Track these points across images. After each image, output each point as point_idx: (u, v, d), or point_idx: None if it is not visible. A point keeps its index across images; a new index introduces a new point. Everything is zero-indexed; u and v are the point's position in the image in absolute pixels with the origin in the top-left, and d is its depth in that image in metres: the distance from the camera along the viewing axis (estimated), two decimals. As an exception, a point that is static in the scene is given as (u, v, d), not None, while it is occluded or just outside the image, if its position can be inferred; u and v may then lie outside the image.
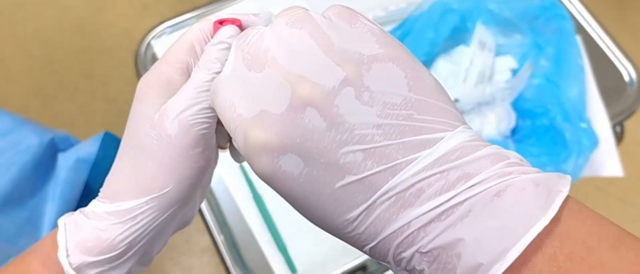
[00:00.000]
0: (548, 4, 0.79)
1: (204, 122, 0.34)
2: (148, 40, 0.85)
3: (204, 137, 0.34)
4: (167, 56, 0.36)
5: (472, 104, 0.73)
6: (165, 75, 0.35)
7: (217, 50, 0.35)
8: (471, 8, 0.80)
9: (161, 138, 0.34)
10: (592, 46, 0.85)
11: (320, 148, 0.26)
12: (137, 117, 0.35)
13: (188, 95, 0.34)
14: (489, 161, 0.25)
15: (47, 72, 1.70)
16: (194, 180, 0.35)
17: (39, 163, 0.69)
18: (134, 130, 0.35)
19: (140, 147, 0.34)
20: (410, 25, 0.79)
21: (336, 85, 0.26)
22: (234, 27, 0.36)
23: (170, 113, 0.34)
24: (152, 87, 0.35)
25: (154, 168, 0.34)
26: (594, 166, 0.75)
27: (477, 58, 0.77)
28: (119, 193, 0.35)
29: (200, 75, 0.35)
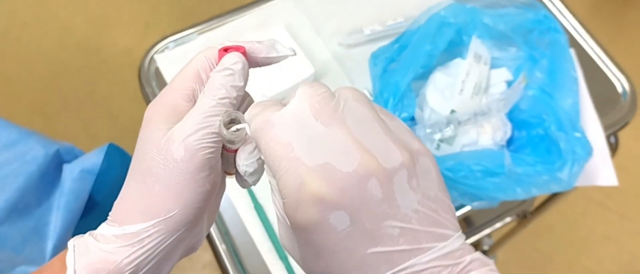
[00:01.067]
0: (542, 17, 0.81)
1: (209, 146, 0.35)
2: (151, 55, 0.87)
3: (209, 161, 0.35)
4: (173, 83, 0.38)
5: (469, 115, 0.74)
6: (172, 101, 0.37)
7: (222, 77, 0.36)
8: (467, 22, 0.82)
9: (167, 162, 0.35)
10: (585, 59, 0.87)
11: (370, 214, 0.29)
12: (145, 142, 0.36)
13: (194, 121, 0.35)
14: (478, 264, 0.30)
15: (51, 90, 1.72)
16: (200, 203, 0.36)
17: (45, 174, 0.71)
18: (142, 154, 0.36)
19: (148, 171, 0.35)
20: (408, 38, 0.81)
21: (396, 166, 0.29)
22: (238, 54, 0.37)
23: (176, 138, 0.35)
24: (159, 113, 0.36)
25: (160, 191, 0.35)
26: (589, 175, 0.76)
27: (473, 70, 0.78)
28: (127, 216, 0.35)
29: (206, 101, 0.36)
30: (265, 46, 0.39)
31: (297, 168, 0.29)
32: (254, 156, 0.37)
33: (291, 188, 0.29)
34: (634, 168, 1.64)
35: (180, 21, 1.83)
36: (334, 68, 0.87)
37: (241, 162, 0.37)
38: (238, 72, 0.37)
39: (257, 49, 0.38)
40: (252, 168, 0.37)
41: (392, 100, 0.73)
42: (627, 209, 1.59)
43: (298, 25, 0.90)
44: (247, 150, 0.37)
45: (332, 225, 0.29)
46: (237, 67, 0.37)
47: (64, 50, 1.79)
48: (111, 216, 0.36)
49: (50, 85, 1.73)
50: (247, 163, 0.37)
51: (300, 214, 0.29)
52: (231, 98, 0.36)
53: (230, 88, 0.36)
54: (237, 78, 0.37)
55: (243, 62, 0.37)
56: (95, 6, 1.86)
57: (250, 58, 0.39)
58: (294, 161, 0.29)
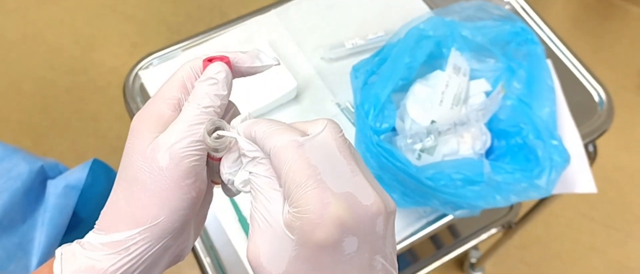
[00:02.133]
0: (519, 29, 0.83)
1: (194, 154, 0.36)
2: (136, 71, 0.88)
3: (194, 168, 0.36)
4: (159, 93, 0.38)
5: (449, 125, 0.76)
6: (158, 111, 0.37)
7: (205, 86, 0.37)
8: (446, 35, 0.83)
9: (153, 170, 0.35)
10: (562, 69, 0.89)
11: (371, 246, 0.32)
12: (131, 150, 0.36)
13: (179, 129, 0.36)
14: None
15: (39, 110, 1.72)
16: (186, 210, 0.36)
17: (29, 190, 0.71)
18: (128, 163, 0.36)
19: (134, 179, 0.36)
20: (388, 51, 0.82)
21: (392, 211, 0.34)
22: (221, 64, 0.38)
23: (161, 146, 0.35)
24: (145, 122, 0.37)
25: (146, 199, 0.35)
26: (568, 183, 0.78)
27: (453, 81, 0.80)
28: (113, 224, 0.36)
29: (190, 110, 0.37)
30: (250, 56, 0.40)
31: (324, 190, 0.31)
32: (237, 164, 0.37)
33: (316, 206, 0.31)
34: (618, 179, 1.66)
35: (167, 40, 1.84)
36: (316, 82, 0.88)
37: (225, 170, 0.38)
38: (221, 81, 0.37)
39: (242, 59, 0.39)
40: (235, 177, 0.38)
41: (372, 111, 0.74)
42: (612, 219, 1.61)
43: (281, 40, 0.92)
44: (231, 158, 0.38)
45: (343, 248, 0.31)
46: (220, 76, 0.37)
47: (52, 70, 1.79)
48: (98, 225, 0.37)
49: (38, 105, 1.74)
50: (230, 172, 0.38)
51: (320, 232, 0.31)
52: (215, 107, 0.37)
53: (214, 97, 0.37)
54: (220, 87, 0.37)
55: (226, 71, 0.38)
56: (82, 26, 1.87)
57: (235, 68, 0.39)
58: (321, 184, 0.31)
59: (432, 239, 1.24)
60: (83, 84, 1.77)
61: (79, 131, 1.70)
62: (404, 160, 0.69)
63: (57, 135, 1.69)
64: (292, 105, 0.86)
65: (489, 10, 0.87)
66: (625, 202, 1.63)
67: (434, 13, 0.88)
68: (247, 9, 0.97)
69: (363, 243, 0.32)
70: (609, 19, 1.95)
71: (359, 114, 0.74)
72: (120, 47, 1.84)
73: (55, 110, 1.73)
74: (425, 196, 0.71)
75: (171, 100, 0.38)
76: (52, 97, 1.75)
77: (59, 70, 1.79)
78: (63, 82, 1.77)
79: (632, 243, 1.58)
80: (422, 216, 0.79)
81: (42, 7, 1.90)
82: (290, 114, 0.85)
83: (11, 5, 1.90)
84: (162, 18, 1.89)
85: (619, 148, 1.70)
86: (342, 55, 0.90)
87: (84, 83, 1.77)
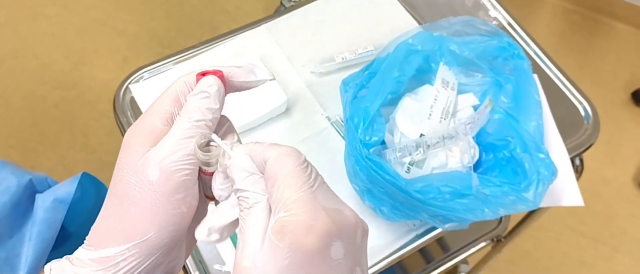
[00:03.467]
0: (506, 44, 0.84)
1: (185, 168, 0.36)
2: (126, 85, 0.88)
3: (185, 183, 0.36)
4: (152, 107, 0.38)
5: (437, 138, 0.76)
6: (150, 125, 0.37)
7: (197, 100, 0.37)
8: (434, 49, 0.84)
9: (143, 184, 0.35)
10: (549, 84, 0.90)
11: (353, 255, 0.34)
12: (122, 165, 0.36)
13: (170, 143, 0.36)
14: None
15: (28, 125, 1.72)
16: (176, 226, 0.36)
17: (17, 204, 0.71)
18: (118, 177, 0.36)
19: (124, 194, 0.36)
20: (377, 65, 0.83)
21: (366, 229, 0.36)
22: (214, 77, 0.38)
23: (152, 160, 0.35)
24: (137, 136, 0.37)
25: (135, 214, 0.35)
26: (555, 196, 0.78)
27: (441, 96, 0.81)
28: (103, 240, 0.36)
29: (181, 124, 0.37)
30: (244, 70, 0.40)
31: (316, 201, 0.33)
32: (229, 180, 0.37)
33: (309, 214, 0.32)
34: (605, 193, 1.68)
35: (158, 55, 1.84)
36: (306, 96, 0.89)
37: (217, 186, 0.38)
38: (213, 94, 0.37)
39: (236, 73, 0.40)
40: (227, 193, 0.38)
41: (362, 124, 0.74)
42: (600, 233, 1.62)
43: (272, 54, 0.92)
44: (224, 174, 0.37)
45: (330, 254, 0.32)
46: (212, 89, 0.37)
47: (42, 85, 1.79)
48: (88, 240, 0.37)
49: (27, 120, 1.73)
50: (222, 188, 0.37)
51: (312, 238, 0.32)
52: (206, 121, 0.37)
53: (206, 110, 0.37)
54: (212, 101, 0.37)
55: (218, 85, 0.38)
56: (73, 41, 1.87)
57: (229, 82, 0.40)
58: (313, 195, 0.33)
59: (422, 253, 1.24)
60: (73, 99, 1.77)
61: (68, 146, 1.69)
62: (393, 173, 0.69)
63: (47, 150, 1.68)
64: (282, 119, 0.86)
65: (477, 26, 0.88)
66: (612, 216, 1.65)
67: (423, 28, 0.89)
68: (238, 24, 0.97)
69: (347, 251, 0.33)
70: (594, 35, 1.98)
71: (348, 128, 0.75)
72: (111, 61, 1.84)
73: (45, 124, 1.72)
74: (414, 209, 0.72)
75: (164, 114, 0.38)
76: (41, 112, 1.74)
77: (49, 84, 1.79)
78: (52, 96, 1.77)
79: (619, 258, 1.59)
80: (411, 229, 0.79)
81: (33, 22, 1.90)
82: (280, 128, 0.85)
83: (1, 20, 1.90)
84: (153, 33, 1.90)
85: (605, 162, 1.72)
86: (332, 70, 0.91)
87: (74, 98, 1.77)
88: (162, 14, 1.94)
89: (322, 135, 0.85)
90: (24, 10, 1.93)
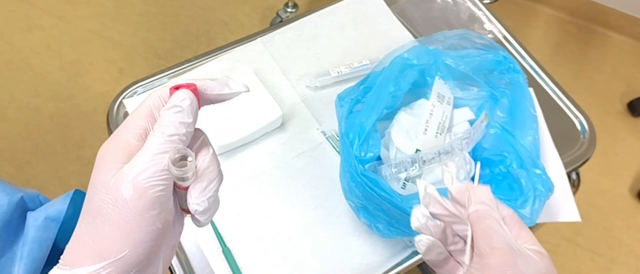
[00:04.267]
0: (501, 58, 0.84)
1: (159, 184, 0.35)
2: (120, 99, 0.87)
3: (159, 199, 0.36)
4: (126, 122, 0.38)
5: (433, 154, 0.76)
6: (124, 141, 0.37)
7: (170, 114, 0.37)
8: (430, 63, 0.84)
9: (116, 202, 0.35)
10: (545, 98, 0.90)
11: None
12: (95, 182, 0.36)
13: (143, 159, 0.35)
14: None
15: (22, 137, 1.71)
16: (150, 242, 0.36)
17: (8, 223, 0.70)
18: (91, 195, 0.36)
19: (97, 212, 0.35)
20: (373, 80, 0.82)
21: None
22: (186, 91, 0.38)
23: (125, 177, 0.35)
24: (110, 152, 0.37)
25: (109, 232, 0.35)
26: (552, 212, 0.78)
27: (437, 110, 0.80)
28: (77, 259, 0.35)
29: (155, 139, 0.36)
30: (218, 83, 0.40)
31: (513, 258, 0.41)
32: (205, 194, 0.37)
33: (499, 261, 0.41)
34: (602, 204, 1.67)
35: (154, 66, 1.85)
36: (301, 110, 0.88)
37: (192, 200, 0.37)
38: (186, 108, 0.37)
39: (210, 86, 0.39)
40: (203, 207, 0.38)
41: (357, 140, 0.74)
42: (597, 245, 1.61)
43: (267, 68, 0.92)
44: (198, 188, 0.37)
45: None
46: (185, 103, 0.37)
47: (37, 96, 1.78)
48: (62, 260, 0.36)
49: (22, 132, 1.72)
50: (197, 202, 0.37)
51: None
52: (180, 135, 0.37)
53: (179, 124, 0.37)
54: (185, 115, 0.37)
55: (191, 98, 0.38)
56: (69, 52, 1.86)
57: (203, 95, 0.39)
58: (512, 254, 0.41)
59: (419, 269, 1.24)
60: (68, 110, 1.76)
61: (62, 158, 1.68)
62: (389, 190, 0.69)
63: (41, 162, 1.67)
64: (277, 134, 0.86)
65: (472, 39, 0.88)
66: (608, 227, 1.64)
67: (418, 42, 0.89)
68: (234, 35, 0.97)
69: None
70: (589, 45, 1.98)
71: (343, 143, 0.74)
72: (107, 72, 1.83)
73: (39, 136, 1.71)
74: (410, 226, 0.71)
75: (137, 129, 0.37)
76: (36, 124, 1.73)
77: (44, 96, 1.78)
78: (47, 108, 1.76)
79: (616, 269, 1.58)
80: (407, 246, 0.78)
81: (28, 33, 1.90)
82: (275, 142, 0.85)
83: (-4, 32, 1.90)
84: (149, 44, 1.89)
85: (602, 173, 1.72)
86: (327, 84, 0.91)
87: (69, 109, 1.76)
88: (158, 25, 1.94)
89: (317, 150, 0.85)
90: (19, 22, 1.92)
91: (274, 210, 0.79)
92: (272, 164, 0.83)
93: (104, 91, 1.79)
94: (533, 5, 2.03)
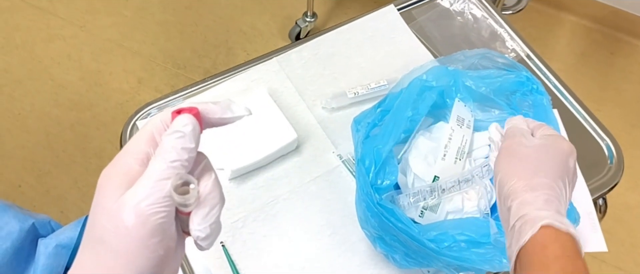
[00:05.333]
0: (524, 79, 0.81)
1: (161, 211, 0.35)
2: (133, 121, 0.86)
3: (161, 225, 0.35)
4: (128, 147, 0.37)
5: (452, 182, 0.73)
6: (126, 166, 0.36)
7: (172, 139, 0.36)
8: (449, 85, 0.81)
9: (119, 229, 0.34)
10: (570, 120, 0.87)
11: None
12: (97, 209, 0.35)
13: (145, 185, 0.35)
14: None
15: (43, 147, 1.72)
16: (153, 269, 0.35)
17: (19, 250, 0.69)
18: (93, 222, 0.35)
19: (99, 239, 0.35)
20: (391, 102, 0.80)
21: None
22: (189, 116, 0.37)
23: (127, 203, 0.34)
24: (112, 178, 0.36)
25: (111, 260, 0.34)
26: (577, 241, 0.75)
27: (456, 134, 0.78)
28: None
29: (156, 165, 0.36)
30: (220, 107, 0.39)
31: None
32: (207, 220, 0.36)
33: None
34: (628, 220, 1.62)
35: (172, 76, 1.84)
36: (317, 132, 0.86)
37: (194, 226, 0.37)
38: (188, 134, 0.36)
39: (212, 110, 0.39)
40: (205, 234, 0.37)
41: (373, 168, 0.72)
42: (623, 261, 1.57)
43: (282, 89, 0.90)
44: (201, 214, 0.37)
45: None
46: (187, 129, 0.36)
47: (57, 106, 1.79)
48: None
49: (42, 141, 1.73)
50: (200, 229, 0.37)
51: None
52: (182, 161, 0.36)
53: (181, 150, 0.36)
54: (187, 140, 0.36)
55: (193, 123, 0.37)
56: (89, 62, 1.87)
57: (205, 119, 0.39)
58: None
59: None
60: (87, 120, 1.77)
61: (82, 168, 1.69)
62: (406, 221, 0.67)
63: (61, 173, 1.68)
64: (293, 157, 0.84)
65: (493, 59, 0.85)
66: (635, 243, 1.60)
67: (438, 62, 0.86)
68: (253, 44, 0.96)
69: None
70: (616, 54, 1.93)
71: (359, 170, 0.72)
72: (126, 82, 1.84)
73: (59, 146, 1.72)
74: (428, 258, 0.69)
75: (139, 154, 0.37)
76: (56, 134, 1.74)
77: (64, 106, 1.79)
78: (67, 118, 1.77)
79: (645, 287, 1.54)
80: (425, 274, 0.76)
81: (49, 43, 1.91)
82: (290, 166, 0.83)
83: (18, 42, 1.91)
84: (168, 54, 1.89)
85: (628, 187, 1.67)
86: (344, 105, 0.88)
87: (89, 119, 1.77)
88: (177, 34, 1.94)
89: (333, 174, 0.83)
90: (41, 32, 1.94)
91: (288, 236, 0.77)
92: (287, 188, 0.81)
93: (123, 101, 1.79)
94: (557, 13, 1.98)
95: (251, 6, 1.99)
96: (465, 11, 0.98)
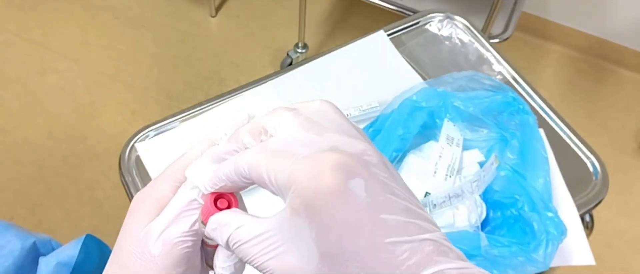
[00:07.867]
0: (510, 99, 0.84)
1: (187, 241, 0.35)
2: (132, 143, 0.88)
3: (187, 255, 0.35)
4: (164, 173, 0.38)
5: (443, 197, 0.75)
6: (159, 192, 0.37)
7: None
8: (438, 105, 0.84)
9: (144, 256, 0.35)
10: (556, 139, 0.89)
11: (379, 186, 0.29)
12: (126, 233, 0.36)
13: (172, 214, 0.35)
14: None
15: (35, 180, 1.72)
16: None
17: (21, 268, 0.70)
18: (121, 245, 0.36)
19: (125, 264, 0.35)
20: (382, 122, 0.83)
21: (385, 159, 0.32)
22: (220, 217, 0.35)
23: (155, 231, 0.35)
24: (144, 202, 0.37)
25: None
26: (566, 255, 0.77)
27: (446, 152, 0.80)
28: None
29: (184, 194, 0.36)
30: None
31: (308, 157, 0.29)
32: (232, 259, 0.36)
33: (307, 168, 0.29)
34: (619, 245, 1.64)
35: (166, 107, 1.87)
36: (311, 153, 0.88)
37: (219, 263, 0.36)
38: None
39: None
40: (229, 272, 0.36)
41: (367, 184, 0.74)
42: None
43: (276, 112, 0.92)
44: (226, 252, 0.36)
45: (354, 192, 0.28)
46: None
47: (50, 138, 1.80)
48: None
49: (35, 174, 1.73)
50: (223, 266, 0.36)
51: (321, 183, 0.28)
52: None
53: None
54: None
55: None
56: (82, 95, 1.89)
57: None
58: (300, 158, 0.30)
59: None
60: (80, 152, 1.78)
61: (74, 200, 1.69)
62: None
63: (53, 205, 1.68)
64: (286, 177, 0.85)
65: (481, 81, 0.88)
66: (626, 269, 1.61)
67: (427, 84, 0.89)
68: (245, 76, 0.98)
69: (370, 184, 0.29)
70: (602, 83, 1.98)
71: (353, 187, 0.74)
72: (119, 114, 1.85)
73: (52, 178, 1.73)
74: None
75: (175, 182, 0.37)
76: (48, 166, 1.75)
77: (57, 138, 1.80)
78: (60, 150, 1.78)
79: (637, 311, 1.55)
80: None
81: (42, 76, 1.93)
82: (285, 186, 0.84)
83: (11, 75, 1.93)
84: (161, 86, 1.92)
85: (618, 213, 1.69)
86: (337, 126, 0.91)
87: (81, 151, 1.78)
88: (170, 67, 1.97)
89: (327, 193, 0.84)
90: (35, 65, 1.96)
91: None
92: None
93: (116, 132, 1.81)
94: (544, 43, 2.04)
95: (243, 39, 2.03)
96: (453, 36, 1.02)
